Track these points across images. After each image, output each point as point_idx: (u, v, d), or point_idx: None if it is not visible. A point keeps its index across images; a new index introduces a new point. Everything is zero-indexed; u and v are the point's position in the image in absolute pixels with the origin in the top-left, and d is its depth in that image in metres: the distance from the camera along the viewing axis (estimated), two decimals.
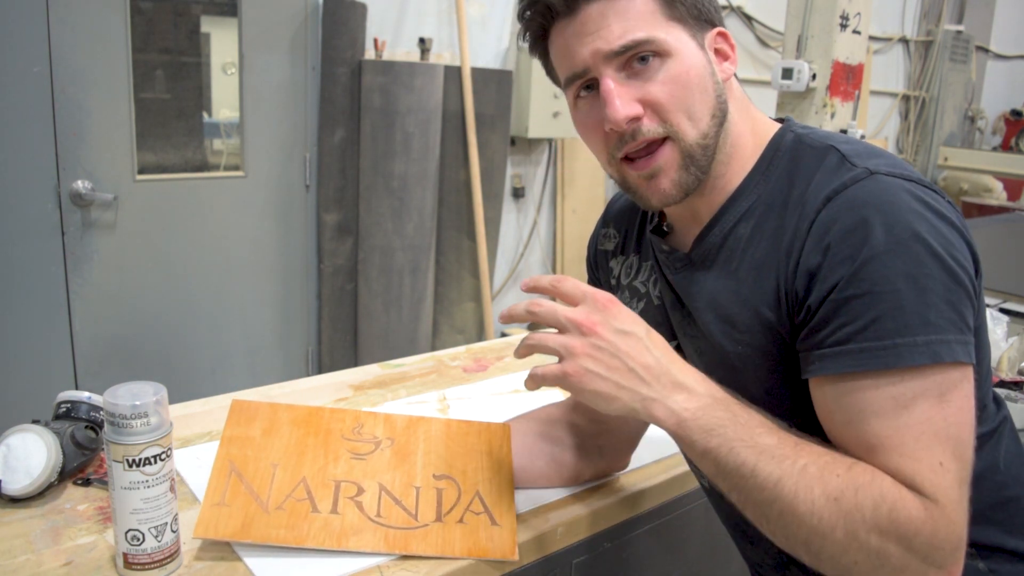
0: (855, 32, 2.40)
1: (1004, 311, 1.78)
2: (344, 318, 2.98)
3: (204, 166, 2.67)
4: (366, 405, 1.24)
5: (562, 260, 3.71)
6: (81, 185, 2.33)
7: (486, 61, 3.26)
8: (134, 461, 0.75)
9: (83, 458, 0.95)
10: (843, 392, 0.69)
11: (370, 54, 2.83)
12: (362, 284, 2.95)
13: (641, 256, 0.95)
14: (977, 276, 0.72)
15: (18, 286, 2.29)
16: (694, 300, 0.84)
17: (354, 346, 3.02)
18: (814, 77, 2.37)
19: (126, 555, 0.78)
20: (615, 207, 1.01)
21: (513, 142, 3.38)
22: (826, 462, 0.68)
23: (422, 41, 2.93)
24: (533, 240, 3.64)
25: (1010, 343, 1.55)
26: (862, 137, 2.44)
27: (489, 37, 3.27)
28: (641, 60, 0.74)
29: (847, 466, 0.67)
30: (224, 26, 2.62)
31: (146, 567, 0.78)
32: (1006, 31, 6.17)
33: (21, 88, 2.19)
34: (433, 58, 3.00)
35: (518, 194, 3.53)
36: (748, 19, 4.16)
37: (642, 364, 0.71)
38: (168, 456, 0.78)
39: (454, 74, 3.00)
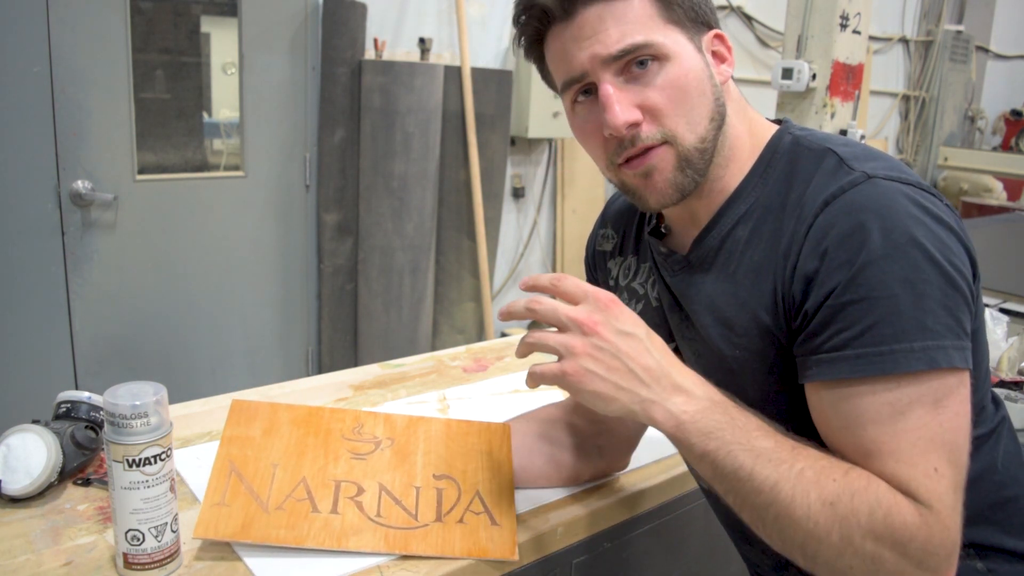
0: (855, 32, 2.40)
1: (1004, 311, 1.77)
2: (344, 318, 2.98)
3: (204, 166, 2.67)
4: (366, 405, 1.24)
5: (562, 260, 3.71)
6: (81, 185, 2.33)
7: (486, 61, 3.26)
8: (134, 461, 0.75)
9: (83, 458, 0.95)
10: (840, 398, 0.69)
11: (370, 54, 2.83)
12: (362, 284, 2.95)
13: (639, 257, 0.95)
14: (975, 280, 0.71)
15: (18, 286, 2.29)
16: (692, 303, 0.84)
17: (354, 346, 3.02)
18: (814, 77, 2.37)
19: (126, 555, 0.78)
20: (613, 208, 1.01)
21: (513, 142, 3.38)
22: (823, 467, 0.68)
23: (422, 41, 2.93)
24: (533, 240, 3.64)
25: (1010, 343, 1.55)
26: (862, 137, 2.44)
27: (489, 37, 3.27)
28: (639, 64, 0.74)
29: (844, 471, 0.67)
30: (224, 26, 2.62)
31: (146, 567, 0.78)
32: (1006, 31, 6.17)
33: (21, 88, 2.19)
34: (433, 58, 3.00)
35: (518, 194, 3.53)
36: (748, 19, 4.16)
37: (642, 366, 0.70)
38: (168, 456, 0.78)
39: (454, 74, 3.00)
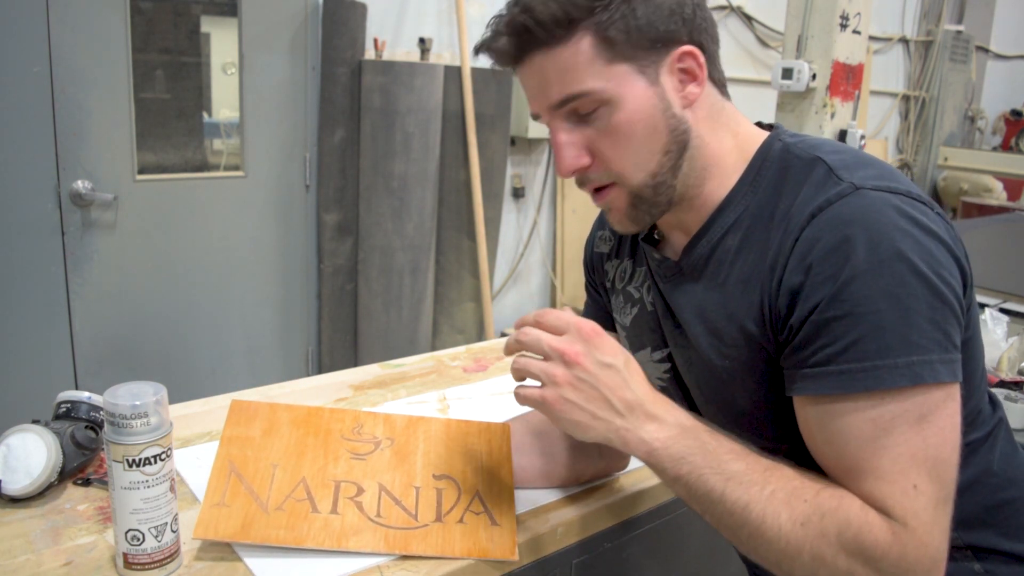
0: (855, 32, 2.40)
1: (1004, 311, 1.77)
2: (344, 318, 2.98)
3: (204, 166, 2.67)
4: (366, 405, 1.24)
5: (562, 260, 3.71)
6: (81, 185, 2.33)
7: (486, 61, 3.25)
8: (134, 461, 0.75)
9: (83, 458, 0.95)
10: (823, 413, 0.70)
11: (370, 54, 2.83)
12: (362, 284, 2.95)
13: (635, 261, 0.95)
14: (966, 291, 0.71)
15: (18, 286, 2.29)
16: (683, 311, 0.84)
17: (354, 346, 3.02)
18: (814, 77, 2.37)
19: (126, 555, 0.78)
20: None
21: (513, 142, 3.38)
22: (794, 487, 0.69)
23: (422, 41, 2.93)
24: (533, 240, 3.64)
25: (1010, 343, 1.55)
26: (862, 138, 2.44)
27: None
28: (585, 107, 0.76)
29: (815, 491, 0.68)
30: (224, 26, 2.62)
31: (146, 567, 0.78)
32: (1006, 31, 6.17)
33: (21, 88, 2.19)
34: (433, 58, 3.00)
35: (518, 194, 3.53)
36: (748, 19, 4.16)
37: (620, 398, 0.72)
38: (168, 456, 0.78)
39: (454, 74, 3.00)
